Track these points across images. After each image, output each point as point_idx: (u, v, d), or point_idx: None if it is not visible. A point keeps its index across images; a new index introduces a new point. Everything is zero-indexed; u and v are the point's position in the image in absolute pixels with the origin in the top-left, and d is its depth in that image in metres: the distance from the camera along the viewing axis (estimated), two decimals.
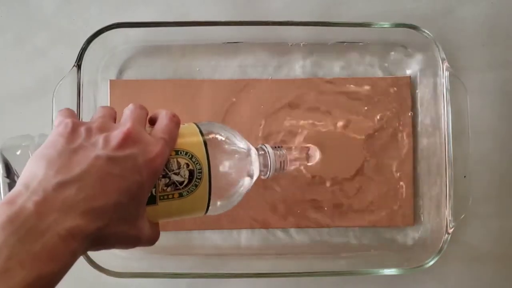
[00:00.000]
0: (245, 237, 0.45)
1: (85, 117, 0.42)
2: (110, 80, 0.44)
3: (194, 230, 0.44)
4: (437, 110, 0.44)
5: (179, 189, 0.31)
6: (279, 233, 0.45)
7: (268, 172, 0.38)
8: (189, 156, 0.31)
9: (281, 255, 0.44)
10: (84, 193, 0.26)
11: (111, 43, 0.43)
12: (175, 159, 0.31)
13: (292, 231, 0.45)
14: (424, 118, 0.45)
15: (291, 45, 0.45)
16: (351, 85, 0.45)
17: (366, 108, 0.45)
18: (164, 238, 0.44)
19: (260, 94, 0.44)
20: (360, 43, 0.45)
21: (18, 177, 0.29)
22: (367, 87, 0.45)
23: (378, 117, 0.45)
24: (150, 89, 0.44)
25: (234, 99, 0.44)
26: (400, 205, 0.44)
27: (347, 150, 0.44)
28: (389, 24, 0.42)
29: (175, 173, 0.31)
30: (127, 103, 0.43)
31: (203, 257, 0.44)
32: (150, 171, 0.28)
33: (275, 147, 0.38)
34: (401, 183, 0.44)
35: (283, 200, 0.44)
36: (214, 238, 0.45)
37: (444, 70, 0.42)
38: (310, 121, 0.44)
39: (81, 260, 0.40)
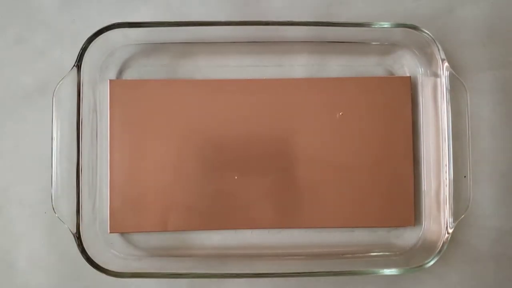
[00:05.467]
0: (245, 237, 0.45)
1: (85, 117, 0.42)
2: (110, 80, 0.44)
3: (194, 230, 0.44)
4: (437, 110, 0.44)
5: None
6: (279, 233, 0.45)
7: None
8: None
9: (281, 255, 0.44)
10: None
11: (111, 43, 0.43)
12: None
13: (292, 231, 0.45)
14: (424, 118, 0.45)
15: (291, 45, 0.45)
16: (351, 85, 0.45)
17: (366, 108, 0.45)
18: (164, 238, 0.44)
19: (261, 94, 0.44)
20: (360, 43, 0.45)
21: None
22: (367, 87, 0.45)
23: (378, 117, 0.45)
24: (150, 89, 0.44)
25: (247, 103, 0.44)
26: (400, 205, 0.44)
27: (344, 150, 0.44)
28: (389, 24, 0.42)
29: None
30: (127, 103, 0.44)
31: (203, 257, 0.44)
32: None
33: None
34: (401, 183, 0.44)
35: (283, 200, 0.44)
36: (214, 238, 0.45)
37: (444, 70, 0.42)
38: (310, 122, 0.44)
39: (81, 260, 0.40)
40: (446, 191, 0.42)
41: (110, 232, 0.44)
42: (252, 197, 0.44)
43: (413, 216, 0.44)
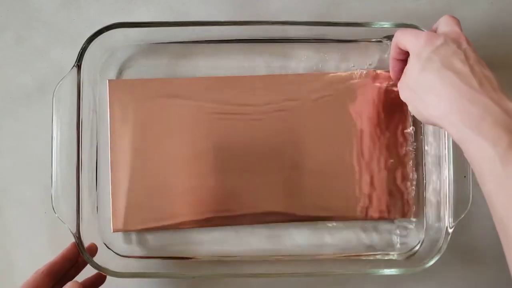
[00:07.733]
0: (245, 237, 0.45)
1: (85, 117, 0.42)
2: (109, 80, 0.44)
3: (194, 228, 0.44)
4: None
5: None
6: (280, 233, 0.45)
7: None
8: None
9: (281, 255, 0.44)
10: None
11: (111, 43, 0.43)
12: None
13: (292, 229, 0.45)
14: None
15: (291, 44, 0.45)
16: (351, 83, 0.45)
17: (366, 106, 0.45)
18: (164, 238, 0.44)
19: (263, 91, 0.44)
20: (360, 43, 0.45)
21: None
22: (367, 86, 0.45)
23: (378, 115, 0.45)
24: (150, 89, 0.44)
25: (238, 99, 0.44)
26: (400, 205, 0.44)
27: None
28: (389, 24, 0.42)
29: None
30: (127, 103, 0.44)
31: (203, 257, 0.44)
32: None
33: None
34: (401, 183, 0.44)
35: (283, 197, 0.44)
36: (214, 238, 0.45)
37: None
38: (309, 119, 0.44)
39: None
40: (446, 191, 0.42)
41: (113, 231, 0.43)
42: (252, 196, 0.44)
43: (413, 216, 0.44)
